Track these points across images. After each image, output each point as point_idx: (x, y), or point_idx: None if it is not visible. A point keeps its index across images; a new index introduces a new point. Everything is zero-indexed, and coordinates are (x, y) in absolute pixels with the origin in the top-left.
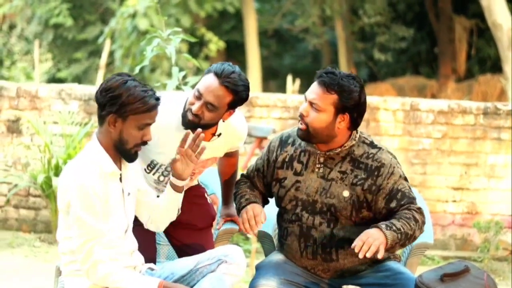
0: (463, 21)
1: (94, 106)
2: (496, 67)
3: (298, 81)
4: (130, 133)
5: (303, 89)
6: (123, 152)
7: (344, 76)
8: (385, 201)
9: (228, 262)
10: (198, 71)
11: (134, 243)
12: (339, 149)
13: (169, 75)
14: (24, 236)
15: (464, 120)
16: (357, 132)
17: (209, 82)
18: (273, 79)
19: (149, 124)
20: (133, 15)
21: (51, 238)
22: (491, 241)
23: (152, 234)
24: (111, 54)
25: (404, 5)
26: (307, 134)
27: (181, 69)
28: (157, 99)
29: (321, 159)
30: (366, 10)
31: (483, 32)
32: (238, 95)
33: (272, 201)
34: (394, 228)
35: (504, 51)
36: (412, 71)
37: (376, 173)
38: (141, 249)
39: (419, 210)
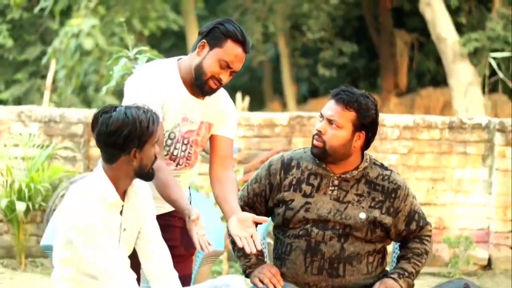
0: (404, 35)
1: (55, 128)
2: (435, 81)
3: (247, 99)
4: (148, 156)
5: (252, 107)
6: (144, 175)
7: (361, 94)
8: (404, 224)
9: None
10: None
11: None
12: (355, 172)
13: (115, 94)
14: None
15: (430, 135)
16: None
17: (238, 51)
18: None
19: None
20: (77, 35)
21: (15, 263)
22: (460, 256)
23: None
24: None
25: (343, 20)
26: (323, 152)
27: None
28: (155, 113)
29: (335, 182)
30: (310, 26)
31: (422, 46)
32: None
33: None
34: (406, 274)
35: (449, 64)
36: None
37: (393, 195)
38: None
39: (430, 236)
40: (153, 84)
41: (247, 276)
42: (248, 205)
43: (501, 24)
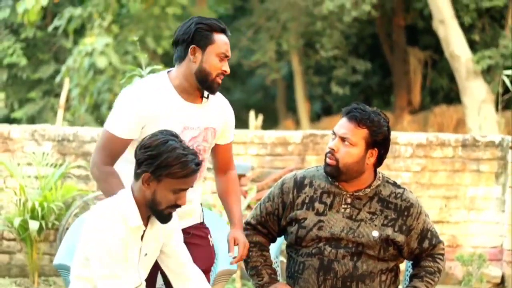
0: (417, 53)
1: (68, 146)
2: (448, 98)
3: (260, 117)
4: (164, 195)
5: (266, 125)
6: (155, 212)
7: (373, 111)
8: (417, 242)
9: None
10: None
11: None
12: (368, 190)
13: None
14: None
15: (443, 153)
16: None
17: (225, 39)
18: None
19: (185, 190)
20: (91, 53)
21: (28, 282)
22: (473, 274)
23: (155, 272)
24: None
25: (356, 38)
26: (337, 170)
27: None
28: (198, 164)
29: (348, 200)
30: (324, 43)
31: (435, 63)
32: None
33: None
34: None
35: (463, 82)
36: (365, 104)
37: (406, 213)
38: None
39: (443, 255)
40: (140, 100)
41: None
42: (261, 223)
43: None
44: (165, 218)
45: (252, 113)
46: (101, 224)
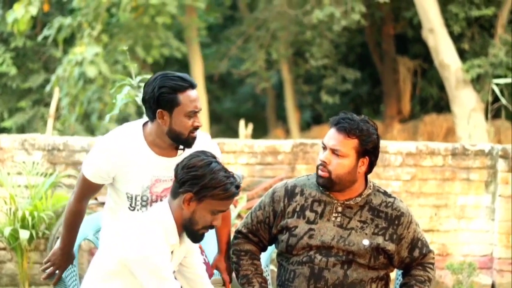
0: (407, 62)
1: (58, 156)
2: (438, 107)
3: (250, 126)
4: (203, 215)
5: (256, 134)
6: (190, 232)
7: (361, 120)
8: (408, 251)
9: None
10: None
11: None
12: (358, 198)
13: (118, 122)
14: None
15: (433, 162)
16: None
17: (192, 94)
18: (215, 124)
19: (223, 211)
20: (81, 63)
21: None
22: (463, 282)
23: None
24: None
25: (346, 47)
26: (330, 182)
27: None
28: (237, 187)
29: (339, 209)
30: (313, 53)
31: (425, 72)
32: None
33: None
34: None
35: (452, 91)
36: (355, 113)
37: (396, 222)
38: None
39: (433, 264)
40: (111, 151)
41: None
42: (252, 232)
43: (503, 50)
44: (198, 237)
45: (242, 122)
46: (146, 240)
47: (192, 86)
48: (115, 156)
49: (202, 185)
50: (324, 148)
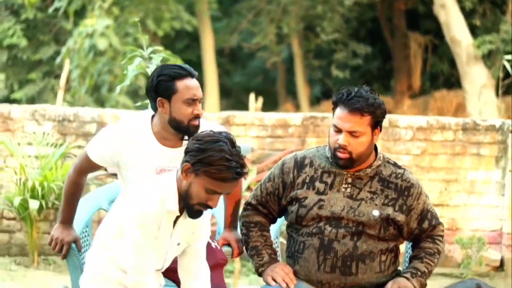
0: (418, 38)
1: (68, 127)
2: (448, 83)
3: (260, 100)
4: (198, 191)
5: (265, 108)
6: (186, 205)
7: (368, 94)
8: (417, 222)
9: None
10: None
11: (161, 281)
12: (368, 169)
13: (128, 94)
14: None
15: (443, 136)
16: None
17: (190, 82)
18: (225, 98)
19: (218, 193)
20: (91, 35)
21: (27, 261)
22: (472, 257)
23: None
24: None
25: (357, 22)
26: (351, 161)
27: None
28: (239, 173)
29: (349, 179)
30: (324, 27)
31: (436, 48)
32: None
33: None
34: (419, 273)
35: (463, 67)
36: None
37: (406, 193)
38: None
39: (442, 236)
40: (118, 139)
41: (259, 274)
42: (261, 203)
43: None
44: (194, 213)
45: (252, 96)
46: (141, 201)
47: (191, 75)
48: (121, 142)
49: (200, 159)
50: (338, 130)
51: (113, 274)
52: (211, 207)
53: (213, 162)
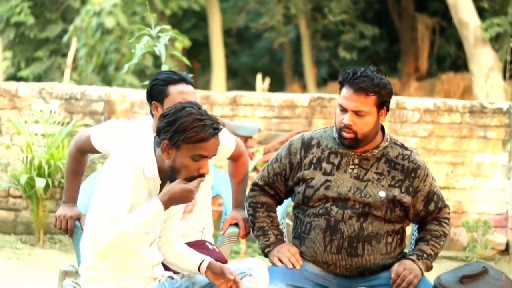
0: (425, 20)
1: (75, 105)
2: (455, 65)
3: (267, 80)
4: (184, 163)
5: (272, 89)
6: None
7: (374, 74)
8: (423, 204)
9: (252, 276)
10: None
11: (158, 257)
12: (375, 151)
13: (135, 73)
14: (5, 237)
15: (450, 119)
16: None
17: (182, 88)
18: (232, 78)
19: (204, 156)
20: (99, 13)
21: (33, 239)
22: (478, 240)
23: None
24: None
25: (364, 3)
26: (356, 141)
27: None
28: (216, 129)
29: (356, 160)
30: (332, 8)
31: (443, 30)
32: None
33: None
34: (425, 256)
35: (470, 49)
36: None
37: (413, 174)
38: None
39: (448, 219)
40: (121, 131)
41: (265, 255)
42: (268, 184)
43: None
44: None
45: (259, 77)
46: (116, 168)
47: (185, 80)
48: (122, 138)
49: (174, 130)
50: (343, 110)
51: (108, 261)
52: (203, 175)
53: (187, 127)
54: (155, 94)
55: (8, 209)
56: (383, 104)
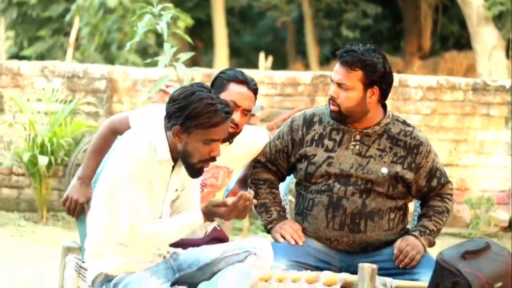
0: None
1: (78, 83)
2: (459, 44)
3: (270, 59)
4: (196, 147)
5: (275, 67)
6: (187, 165)
7: (365, 51)
8: (426, 180)
9: (257, 255)
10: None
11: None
12: (377, 127)
13: (138, 52)
14: (8, 215)
15: (453, 96)
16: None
17: (243, 90)
18: (235, 57)
19: (216, 140)
20: None
21: (36, 217)
22: (481, 217)
23: None
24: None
25: None
26: (340, 115)
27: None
28: (227, 112)
29: (357, 137)
30: None
31: (446, 9)
32: None
33: None
34: (427, 231)
35: (473, 28)
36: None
37: (415, 151)
38: None
39: (451, 195)
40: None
41: (268, 231)
42: (270, 161)
43: None
44: (196, 172)
45: (262, 55)
46: (128, 151)
47: (248, 84)
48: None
49: (185, 116)
50: (333, 83)
51: (113, 235)
52: (215, 158)
53: (199, 113)
54: (216, 86)
55: (11, 187)
56: (372, 83)
